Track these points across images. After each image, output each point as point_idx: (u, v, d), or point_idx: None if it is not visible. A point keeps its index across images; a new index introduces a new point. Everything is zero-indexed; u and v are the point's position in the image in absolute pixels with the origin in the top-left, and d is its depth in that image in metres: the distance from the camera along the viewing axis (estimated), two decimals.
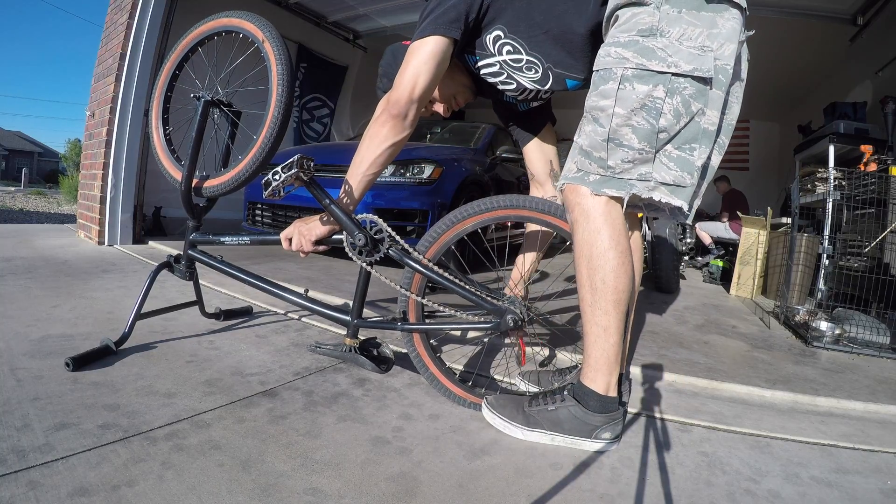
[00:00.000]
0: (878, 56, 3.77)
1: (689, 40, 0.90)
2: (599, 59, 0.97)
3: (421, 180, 2.91)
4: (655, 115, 0.91)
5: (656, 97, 0.90)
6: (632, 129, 0.92)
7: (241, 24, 1.34)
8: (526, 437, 1.04)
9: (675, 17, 0.90)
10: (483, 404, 1.11)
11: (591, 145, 0.97)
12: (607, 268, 0.97)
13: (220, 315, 1.67)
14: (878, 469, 1.06)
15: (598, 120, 0.95)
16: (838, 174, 2.62)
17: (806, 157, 3.69)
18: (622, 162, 0.95)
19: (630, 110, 0.91)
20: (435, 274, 1.12)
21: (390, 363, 1.27)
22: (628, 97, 0.91)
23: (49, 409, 0.97)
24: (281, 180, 1.11)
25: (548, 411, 1.04)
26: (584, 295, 1.00)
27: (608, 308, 0.98)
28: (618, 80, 0.92)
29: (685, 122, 0.92)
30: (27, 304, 1.69)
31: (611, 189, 0.97)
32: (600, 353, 1.00)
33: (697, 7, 0.90)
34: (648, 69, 0.89)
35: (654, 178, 0.95)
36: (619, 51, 0.92)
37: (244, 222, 3.39)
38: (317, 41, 5.50)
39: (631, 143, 0.93)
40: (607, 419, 1.02)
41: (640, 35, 0.91)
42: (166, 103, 1.49)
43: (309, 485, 0.82)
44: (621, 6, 0.95)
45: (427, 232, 1.16)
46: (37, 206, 9.16)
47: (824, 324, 2.18)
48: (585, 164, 0.99)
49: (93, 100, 3.47)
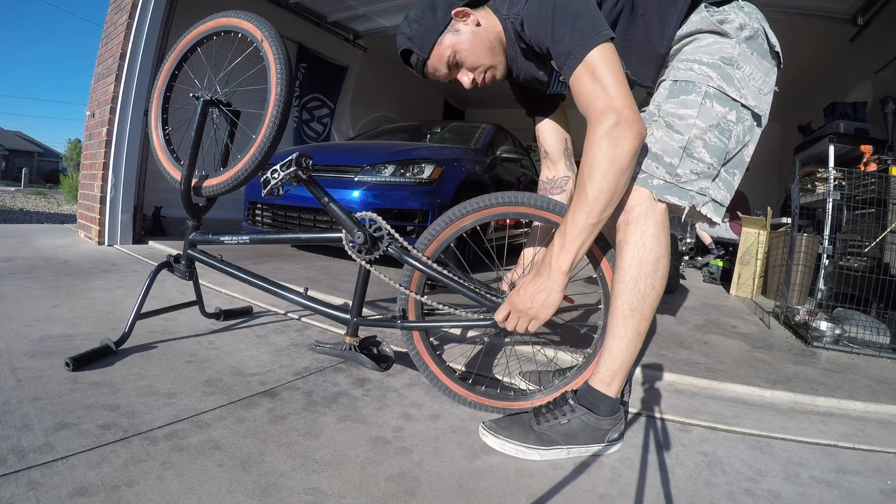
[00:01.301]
0: (878, 56, 3.77)
1: (754, 80, 1.00)
2: (680, 71, 1.01)
3: (421, 180, 2.91)
4: (728, 135, 0.99)
5: (730, 120, 0.98)
6: (704, 143, 0.98)
7: (239, 24, 1.34)
8: (544, 458, 0.99)
9: (748, 57, 0.99)
10: (482, 430, 1.03)
11: (663, 150, 0.99)
12: (658, 274, 0.98)
13: (219, 315, 1.67)
14: (878, 469, 1.06)
15: (674, 126, 0.99)
16: (838, 174, 2.62)
17: (806, 157, 3.69)
18: (690, 172, 0.98)
19: (708, 125, 0.97)
20: (434, 271, 1.12)
21: (390, 361, 1.27)
22: (709, 113, 0.97)
23: (49, 409, 0.97)
24: (280, 178, 1.10)
25: (560, 425, 1.00)
26: (627, 298, 0.98)
27: (648, 314, 0.98)
28: (702, 94, 0.97)
29: (739, 149, 1.03)
30: (27, 304, 1.69)
31: (673, 196, 0.99)
32: (626, 357, 1.00)
33: (763, 55, 1.01)
34: (727, 94, 0.97)
35: (710, 194, 1.01)
36: (705, 69, 0.98)
37: (244, 222, 3.39)
38: (317, 41, 5.50)
39: (702, 156, 0.98)
40: (615, 420, 1.02)
41: (723, 62, 0.98)
42: (165, 103, 1.49)
43: (309, 485, 0.82)
44: (705, 31, 1.00)
45: (426, 230, 1.17)
46: (37, 206, 9.16)
47: (824, 324, 2.18)
48: (651, 166, 0.99)
49: (93, 100, 3.47)
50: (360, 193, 2.85)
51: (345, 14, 5.32)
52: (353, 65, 6.10)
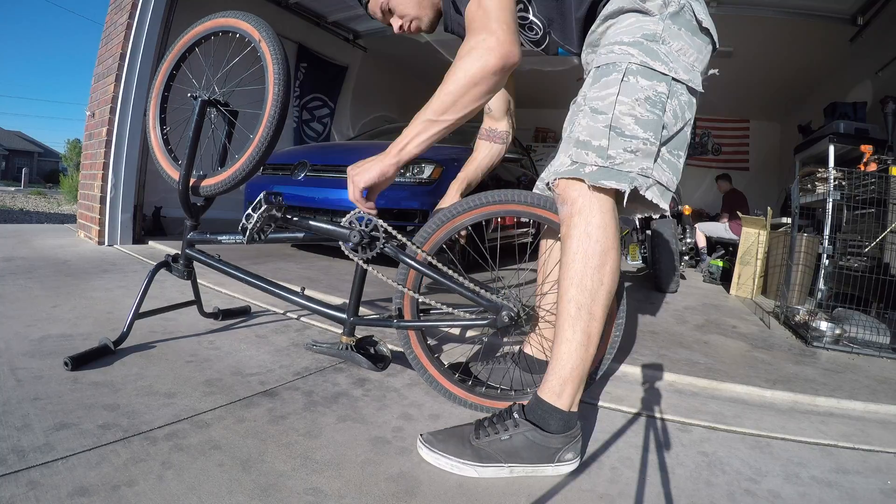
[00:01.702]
0: (878, 56, 3.77)
1: (685, 55, 0.96)
2: (600, 57, 0.97)
3: (421, 180, 2.91)
4: (660, 107, 0.92)
5: (660, 91, 0.92)
6: (635, 119, 0.91)
7: (237, 24, 1.35)
8: (481, 475, 0.89)
9: (675, 33, 0.95)
10: (419, 442, 0.95)
11: (589, 134, 0.93)
12: (606, 268, 0.91)
13: (218, 315, 1.67)
14: (879, 469, 1.06)
15: (599, 109, 0.93)
16: (838, 174, 2.62)
17: (806, 157, 3.70)
18: (624, 151, 0.91)
19: (634, 99, 0.91)
20: (429, 269, 1.12)
21: (387, 361, 1.27)
22: (632, 88, 0.92)
23: (49, 408, 0.97)
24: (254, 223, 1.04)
25: (501, 441, 0.91)
26: (573, 296, 0.91)
27: (597, 312, 0.91)
28: (622, 71, 0.92)
29: (679, 127, 0.96)
30: (27, 304, 1.69)
31: (610, 181, 0.91)
32: (576, 363, 0.91)
33: (693, 31, 0.97)
34: (652, 68, 0.92)
35: (654, 175, 0.93)
36: (625, 48, 0.94)
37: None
38: (317, 41, 5.50)
39: (635, 132, 0.91)
40: (568, 438, 0.92)
41: (645, 38, 0.94)
42: (163, 103, 1.49)
43: (309, 485, 0.82)
44: (626, 10, 0.96)
45: (421, 229, 1.17)
46: (37, 206, 9.16)
47: (824, 324, 2.18)
48: (581, 155, 0.93)
49: (93, 100, 3.47)
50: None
51: (345, 14, 5.32)
52: (353, 65, 6.11)
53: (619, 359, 1.57)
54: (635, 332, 1.97)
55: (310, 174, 3.10)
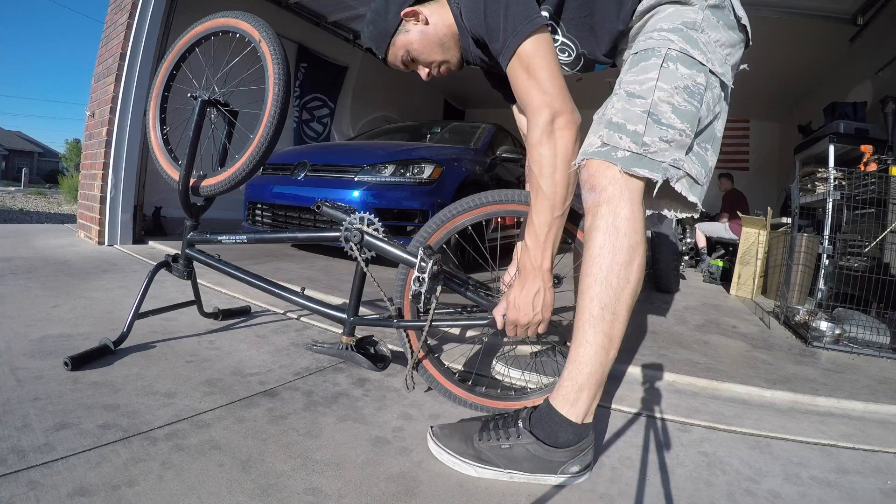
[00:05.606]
0: (878, 56, 3.77)
1: (721, 48, 0.93)
2: (640, 43, 0.94)
3: (421, 180, 2.91)
4: (699, 98, 0.88)
5: (699, 82, 0.88)
6: (672, 107, 0.86)
7: (237, 24, 1.35)
8: (480, 475, 0.88)
9: (714, 24, 0.92)
10: (428, 434, 0.96)
11: (624, 117, 0.87)
12: (634, 265, 0.85)
13: (218, 315, 1.67)
14: (879, 469, 1.06)
15: (635, 93, 0.89)
16: (838, 174, 2.62)
17: (806, 157, 3.70)
18: (660, 140, 0.85)
19: (674, 87, 0.87)
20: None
21: (387, 361, 1.27)
22: (672, 75, 0.87)
23: (49, 409, 0.97)
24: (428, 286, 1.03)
25: (500, 449, 0.89)
26: (597, 294, 0.85)
27: (621, 313, 0.85)
28: (662, 57, 0.88)
29: (710, 120, 0.92)
30: (27, 304, 1.69)
31: (644, 169, 0.85)
32: (595, 368, 0.86)
33: (731, 26, 0.95)
34: (692, 56, 0.88)
35: (685, 167, 0.88)
36: (665, 34, 0.90)
37: (244, 222, 3.39)
38: (317, 41, 5.50)
39: (672, 122, 0.86)
40: (575, 452, 0.87)
41: (685, 26, 0.90)
42: (163, 103, 1.49)
43: (309, 485, 0.82)
44: (665, 2, 0.94)
45: (420, 229, 1.17)
46: (37, 206, 9.16)
47: (824, 324, 2.18)
48: (614, 138, 0.87)
49: (93, 100, 3.47)
50: (361, 193, 2.85)
51: (345, 14, 5.33)
52: (353, 65, 6.11)
53: (619, 359, 1.54)
54: (635, 332, 1.97)
55: (310, 174, 3.10)
